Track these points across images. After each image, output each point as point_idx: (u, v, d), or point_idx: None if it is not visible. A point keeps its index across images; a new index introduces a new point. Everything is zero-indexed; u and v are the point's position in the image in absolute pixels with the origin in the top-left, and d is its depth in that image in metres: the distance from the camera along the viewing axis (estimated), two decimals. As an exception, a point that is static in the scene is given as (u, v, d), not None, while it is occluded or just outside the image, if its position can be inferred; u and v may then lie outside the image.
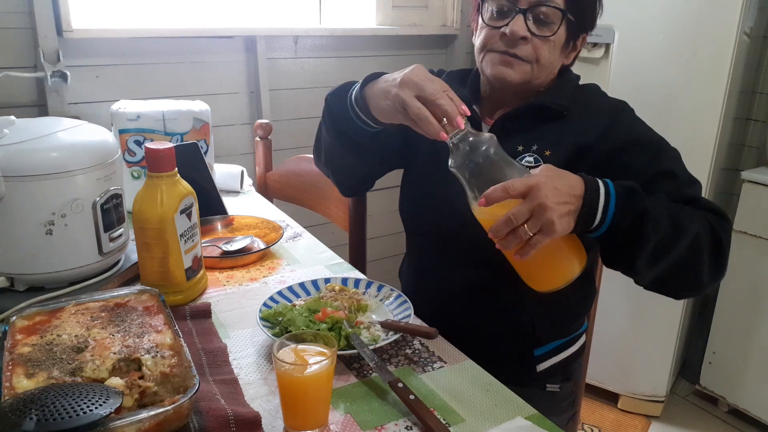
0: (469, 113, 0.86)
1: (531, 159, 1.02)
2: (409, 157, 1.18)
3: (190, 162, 1.39)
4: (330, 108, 1.03)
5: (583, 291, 1.17)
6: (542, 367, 1.12)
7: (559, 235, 0.82)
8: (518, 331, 1.10)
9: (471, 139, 0.84)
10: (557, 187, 0.80)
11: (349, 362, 0.89)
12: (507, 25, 0.98)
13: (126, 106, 1.48)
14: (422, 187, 1.15)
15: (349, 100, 0.97)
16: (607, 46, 1.92)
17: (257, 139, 1.82)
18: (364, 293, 1.06)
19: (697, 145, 1.86)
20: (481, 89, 1.11)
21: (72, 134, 1.01)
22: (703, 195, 0.98)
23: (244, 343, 0.94)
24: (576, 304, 1.16)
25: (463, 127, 0.83)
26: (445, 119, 0.83)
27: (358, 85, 0.97)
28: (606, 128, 1.00)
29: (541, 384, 1.14)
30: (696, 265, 0.90)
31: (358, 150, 1.05)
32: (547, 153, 1.02)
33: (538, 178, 0.80)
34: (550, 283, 0.87)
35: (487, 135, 0.85)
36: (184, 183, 1.02)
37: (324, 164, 1.16)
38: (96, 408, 0.62)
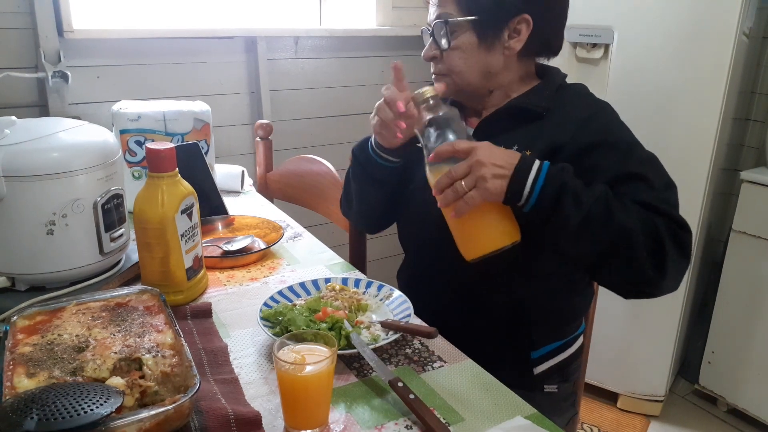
0: (403, 109, 0.98)
1: None
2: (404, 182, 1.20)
3: (191, 162, 1.40)
4: (356, 157, 1.17)
5: (580, 294, 1.17)
6: (539, 369, 1.12)
7: (492, 197, 0.88)
8: (514, 334, 1.11)
9: (433, 103, 0.95)
10: (495, 153, 0.90)
11: (349, 362, 0.89)
12: None
13: (127, 107, 1.49)
14: (413, 199, 1.16)
15: (370, 144, 1.12)
16: (607, 46, 1.92)
17: (258, 139, 1.83)
18: (364, 293, 1.06)
19: (696, 146, 1.86)
20: None
21: (73, 134, 1.02)
22: (678, 198, 0.97)
23: (244, 343, 0.94)
24: (572, 306, 1.16)
25: (403, 109, 0.97)
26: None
27: None
28: (580, 126, 1.01)
29: (539, 386, 1.14)
30: (630, 259, 0.90)
31: (382, 186, 1.16)
32: (527, 153, 1.02)
33: (481, 143, 0.90)
34: (479, 248, 0.91)
35: (448, 107, 0.96)
36: (185, 183, 1.02)
37: (356, 211, 1.25)
38: (97, 407, 0.62)
